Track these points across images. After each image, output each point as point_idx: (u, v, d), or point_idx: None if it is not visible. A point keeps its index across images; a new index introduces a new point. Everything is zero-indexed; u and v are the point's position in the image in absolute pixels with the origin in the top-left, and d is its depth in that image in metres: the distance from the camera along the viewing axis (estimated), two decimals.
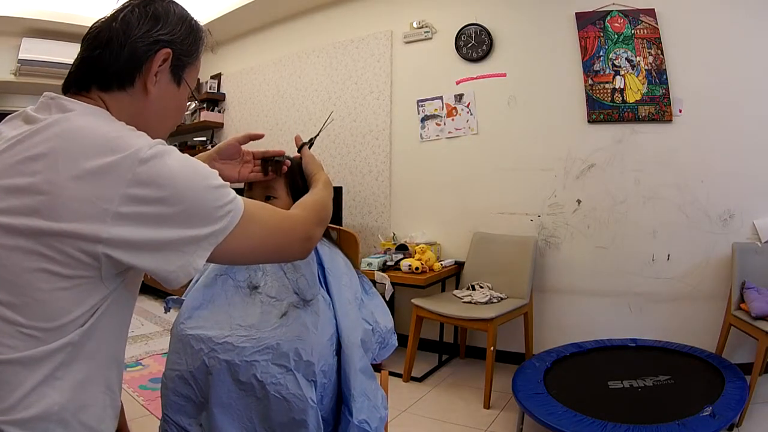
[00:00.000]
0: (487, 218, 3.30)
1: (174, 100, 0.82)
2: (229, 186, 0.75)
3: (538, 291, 3.11)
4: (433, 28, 3.51)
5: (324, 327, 1.15)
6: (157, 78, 0.77)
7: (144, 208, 0.65)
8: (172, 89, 0.80)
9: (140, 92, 0.76)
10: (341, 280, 1.27)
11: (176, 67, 0.79)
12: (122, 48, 0.74)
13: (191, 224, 0.69)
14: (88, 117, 0.70)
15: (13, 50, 4.46)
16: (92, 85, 0.75)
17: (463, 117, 3.40)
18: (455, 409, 2.61)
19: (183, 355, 1.13)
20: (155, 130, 0.79)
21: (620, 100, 2.91)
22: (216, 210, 0.71)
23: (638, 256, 2.90)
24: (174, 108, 0.83)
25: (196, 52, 0.84)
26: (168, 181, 0.67)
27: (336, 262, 1.30)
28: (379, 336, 1.30)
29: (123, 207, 0.64)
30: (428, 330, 3.18)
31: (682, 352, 2.58)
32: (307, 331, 1.12)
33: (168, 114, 0.82)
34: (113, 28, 0.75)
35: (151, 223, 0.66)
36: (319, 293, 1.19)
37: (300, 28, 4.23)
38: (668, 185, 2.83)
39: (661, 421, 1.91)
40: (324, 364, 1.12)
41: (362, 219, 3.83)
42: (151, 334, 3.70)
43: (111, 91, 0.75)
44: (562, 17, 3.05)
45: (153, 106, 0.78)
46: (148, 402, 2.58)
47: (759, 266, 2.57)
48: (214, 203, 0.71)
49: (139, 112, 0.77)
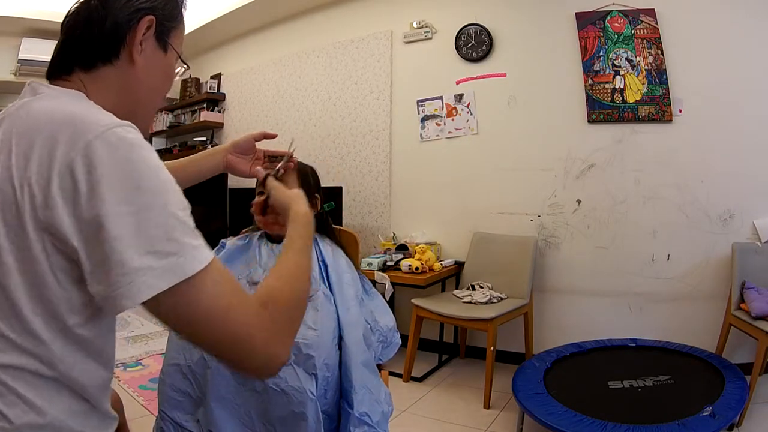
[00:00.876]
0: (487, 218, 3.30)
1: (162, 68, 0.79)
2: (200, 235, 0.63)
3: (538, 291, 3.11)
4: (433, 28, 3.51)
5: (324, 321, 1.15)
6: (143, 47, 0.74)
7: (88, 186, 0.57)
8: (159, 56, 0.77)
9: (126, 64, 0.74)
10: (343, 277, 1.27)
11: (160, 33, 0.76)
12: (103, 22, 0.71)
13: (140, 232, 0.57)
14: (54, 100, 0.66)
15: (13, 50, 4.46)
16: (74, 66, 0.72)
17: (463, 117, 3.40)
18: (455, 409, 2.61)
19: (182, 350, 1.13)
20: (145, 100, 0.77)
21: (620, 100, 2.91)
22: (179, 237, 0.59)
23: (638, 256, 2.90)
24: (163, 75, 0.80)
25: (178, 14, 0.81)
26: (135, 164, 0.59)
27: (338, 261, 1.30)
28: (380, 335, 1.30)
29: (61, 179, 0.57)
30: (428, 330, 3.18)
31: (682, 352, 2.58)
32: (307, 325, 1.12)
33: (157, 82, 0.79)
34: (91, 6, 0.73)
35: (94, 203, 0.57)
36: (320, 289, 1.19)
37: (300, 28, 4.23)
38: (668, 185, 2.83)
39: (661, 421, 1.91)
40: (326, 357, 1.12)
41: (362, 219, 3.83)
42: (151, 334, 3.70)
43: (95, 69, 0.72)
44: (562, 17, 3.05)
45: (141, 75, 0.75)
46: (148, 402, 2.58)
47: (759, 266, 2.57)
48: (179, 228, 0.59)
49: (128, 84, 0.74)
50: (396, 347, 1.36)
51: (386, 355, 1.34)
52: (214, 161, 1.14)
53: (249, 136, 1.16)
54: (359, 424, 1.13)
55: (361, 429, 1.13)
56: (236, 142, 1.15)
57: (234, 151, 1.14)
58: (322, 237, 1.36)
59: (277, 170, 1.11)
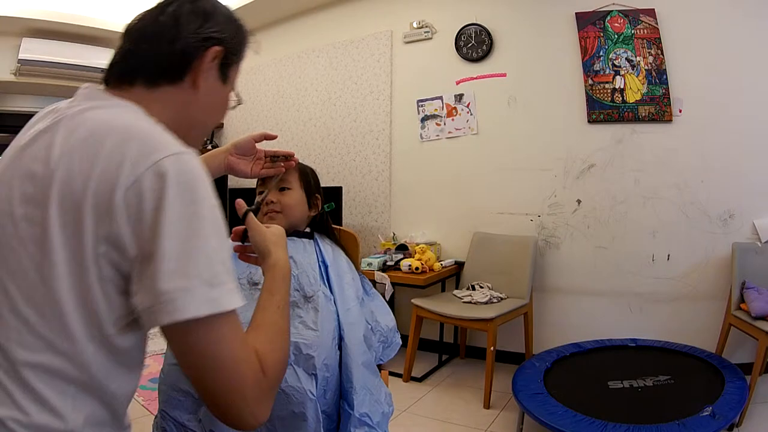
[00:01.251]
0: (487, 218, 3.30)
1: (220, 97, 0.82)
2: (236, 280, 0.66)
3: (538, 291, 3.11)
4: (433, 28, 3.51)
5: (324, 322, 1.15)
6: (207, 74, 0.76)
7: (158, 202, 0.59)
8: (219, 86, 0.80)
9: (189, 88, 0.76)
10: (343, 278, 1.27)
11: (224, 64, 0.79)
12: (173, 43, 0.73)
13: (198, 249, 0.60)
14: (115, 109, 0.68)
15: (13, 50, 4.45)
16: (138, 78, 0.73)
17: (463, 117, 3.40)
18: (455, 409, 2.61)
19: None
20: (199, 125, 0.81)
21: (620, 100, 2.91)
22: (222, 273, 0.62)
23: (638, 256, 2.90)
24: (220, 104, 0.83)
25: (242, 51, 0.84)
26: (199, 193, 0.61)
27: (339, 261, 1.30)
28: (380, 335, 1.30)
29: (132, 189, 0.59)
30: (428, 330, 3.18)
31: (682, 352, 2.58)
32: (307, 326, 1.13)
33: (214, 109, 0.82)
34: (161, 21, 0.74)
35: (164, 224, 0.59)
36: (320, 289, 1.20)
37: (300, 28, 4.23)
38: (668, 185, 2.83)
39: (661, 421, 1.91)
40: (326, 357, 1.13)
41: (362, 219, 3.83)
42: (151, 334, 3.69)
43: (158, 86, 0.74)
44: (562, 17, 3.05)
45: (201, 100, 0.77)
46: (148, 402, 2.58)
47: (759, 266, 2.57)
48: (223, 266, 0.62)
49: (187, 106, 0.76)
50: (397, 347, 1.36)
51: (387, 356, 1.34)
52: (215, 163, 1.15)
53: (249, 137, 1.16)
54: (359, 425, 1.13)
55: (361, 429, 1.13)
56: (237, 142, 1.16)
57: (235, 152, 1.15)
58: (323, 237, 1.36)
59: (257, 204, 1.08)
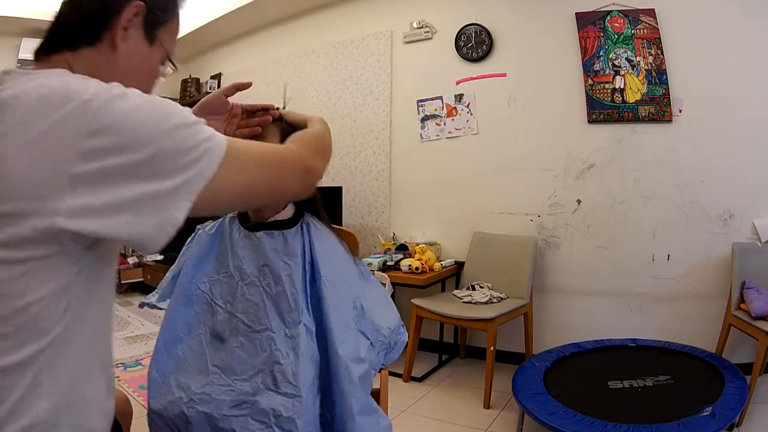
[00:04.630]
0: (487, 218, 3.30)
1: (145, 61, 0.76)
2: (204, 122, 0.67)
3: (538, 291, 3.11)
4: (433, 28, 3.51)
5: (305, 372, 1.01)
6: (128, 33, 0.71)
7: (104, 161, 0.58)
8: (144, 48, 0.74)
9: (108, 48, 0.71)
10: (339, 289, 1.10)
11: (150, 23, 0.73)
12: (92, 3, 0.70)
13: (162, 173, 0.61)
14: (40, 78, 0.63)
15: (13, 50, 4.45)
16: (61, 46, 0.70)
17: (463, 117, 3.40)
18: (455, 409, 2.61)
19: (164, 397, 1.05)
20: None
21: (620, 100, 2.91)
22: (190, 151, 0.63)
23: (638, 256, 2.90)
24: (145, 69, 0.77)
25: (173, 8, 0.78)
26: (128, 124, 0.59)
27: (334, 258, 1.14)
28: (382, 344, 1.16)
29: (80, 166, 0.57)
30: (428, 330, 3.18)
31: (682, 352, 2.57)
32: (285, 380, 1.00)
33: (138, 75, 0.75)
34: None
35: (115, 179, 0.58)
36: (302, 319, 1.04)
37: (300, 28, 4.23)
38: (668, 185, 2.83)
39: (661, 421, 1.91)
40: (306, 423, 0.98)
41: (362, 219, 3.83)
42: (151, 334, 3.70)
43: (79, 49, 0.70)
44: (562, 17, 3.05)
45: (121, 63, 0.72)
46: None
47: (759, 266, 2.57)
48: (186, 143, 0.63)
49: (106, 70, 0.71)
50: (402, 346, 1.22)
51: (390, 359, 1.21)
52: None
53: (218, 92, 1.05)
54: None
55: None
56: (203, 102, 1.04)
57: (202, 112, 1.02)
58: (312, 219, 1.17)
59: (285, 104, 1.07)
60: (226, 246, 1.14)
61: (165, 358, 1.09)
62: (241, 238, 1.13)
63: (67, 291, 0.62)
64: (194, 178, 0.63)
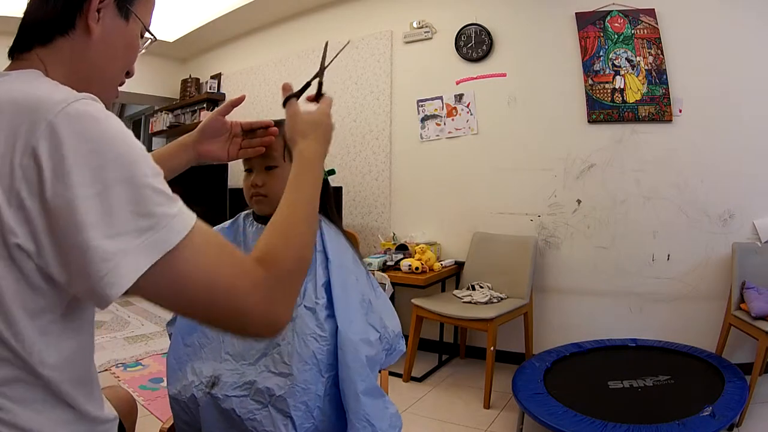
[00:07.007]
0: (487, 218, 3.30)
1: (122, 38, 0.71)
2: (178, 198, 0.59)
3: (538, 291, 3.11)
4: (433, 28, 3.51)
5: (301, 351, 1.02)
6: (101, 14, 0.68)
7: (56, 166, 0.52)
8: (120, 25, 0.70)
9: (82, 34, 0.68)
10: (348, 279, 1.12)
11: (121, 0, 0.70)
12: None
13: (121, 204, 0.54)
14: (7, 85, 0.60)
15: None
16: (33, 43, 0.67)
17: (463, 117, 3.40)
18: (455, 409, 2.61)
19: (179, 382, 1.12)
20: (101, 74, 0.71)
21: (620, 100, 2.91)
22: (153, 209, 0.55)
23: (638, 256, 2.90)
24: (123, 46, 0.72)
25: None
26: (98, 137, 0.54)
27: (344, 254, 1.17)
28: (386, 343, 1.18)
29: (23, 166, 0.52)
30: (428, 330, 3.18)
31: (682, 352, 2.58)
32: (281, 360, 1.03)
33: (116, 54, 0.72)
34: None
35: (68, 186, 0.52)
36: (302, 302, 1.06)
37: (300, 28, 4.23)
38: (668, 185, 2.83)
39: (661, 421, 1.91)
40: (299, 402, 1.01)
41: (362, 219, 3.83)
42: (151, 334, 3.70)
43: (53, 42, 0.67)
44: (562, 17, 3.05)
45: (97, 46, 0.69)
46: (148, 402, 2.58)
47: (759, 266, 2.57)
48: (152, 200, 0.56)
49: (83, 56, 0.68)
50: (399, 354, 1.24)
51: (389, 362, 1.23)
52: (185, 158, 1.03)
53: (215, 114, 1.02)
54: None
55: None
56: (203, 126, 1.01)
57: (204, 137, 1.00)
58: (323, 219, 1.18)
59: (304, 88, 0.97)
60: (240, 240, 1.21)
61: (181, 346, 1.16)
62: (255, 232, 1.19)
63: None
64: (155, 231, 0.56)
